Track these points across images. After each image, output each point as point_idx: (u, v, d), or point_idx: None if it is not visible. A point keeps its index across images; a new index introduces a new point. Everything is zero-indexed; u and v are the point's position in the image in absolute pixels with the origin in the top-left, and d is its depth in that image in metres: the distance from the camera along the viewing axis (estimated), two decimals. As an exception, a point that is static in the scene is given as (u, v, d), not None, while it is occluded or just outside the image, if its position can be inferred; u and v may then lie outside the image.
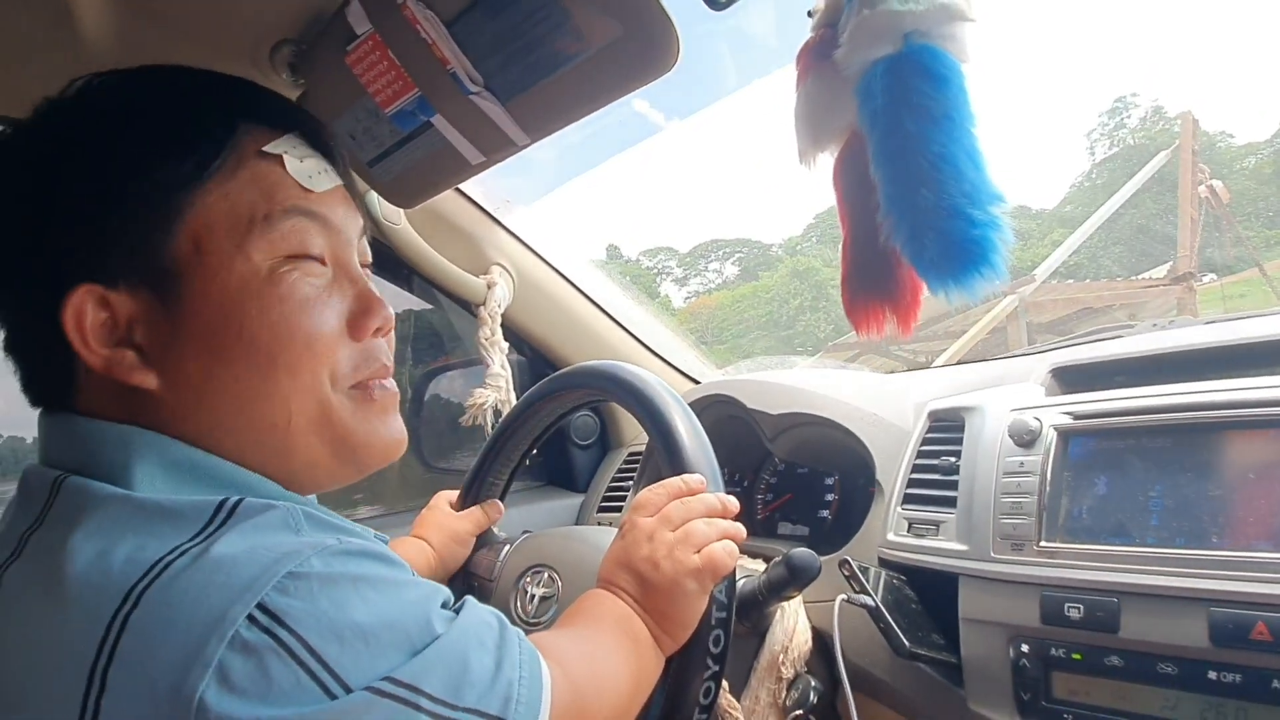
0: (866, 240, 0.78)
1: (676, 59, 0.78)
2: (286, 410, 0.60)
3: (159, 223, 0.57)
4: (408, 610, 0.52)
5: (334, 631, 0.47)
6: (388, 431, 0.66)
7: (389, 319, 0.66)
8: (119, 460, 0.55)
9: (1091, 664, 0.76)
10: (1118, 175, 13.07)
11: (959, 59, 0.68)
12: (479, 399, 1.41)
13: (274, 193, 0.60)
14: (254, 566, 0.48)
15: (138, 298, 0.57)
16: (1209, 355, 0.88)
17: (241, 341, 0.58)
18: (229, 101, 0.63)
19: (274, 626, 0.46)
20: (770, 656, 0.94)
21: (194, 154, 0.58)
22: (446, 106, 0.94)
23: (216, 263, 0.58)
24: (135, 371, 0.57)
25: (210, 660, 0.44)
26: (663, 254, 22.45)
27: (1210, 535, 0.73)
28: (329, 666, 0.47)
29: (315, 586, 0.48)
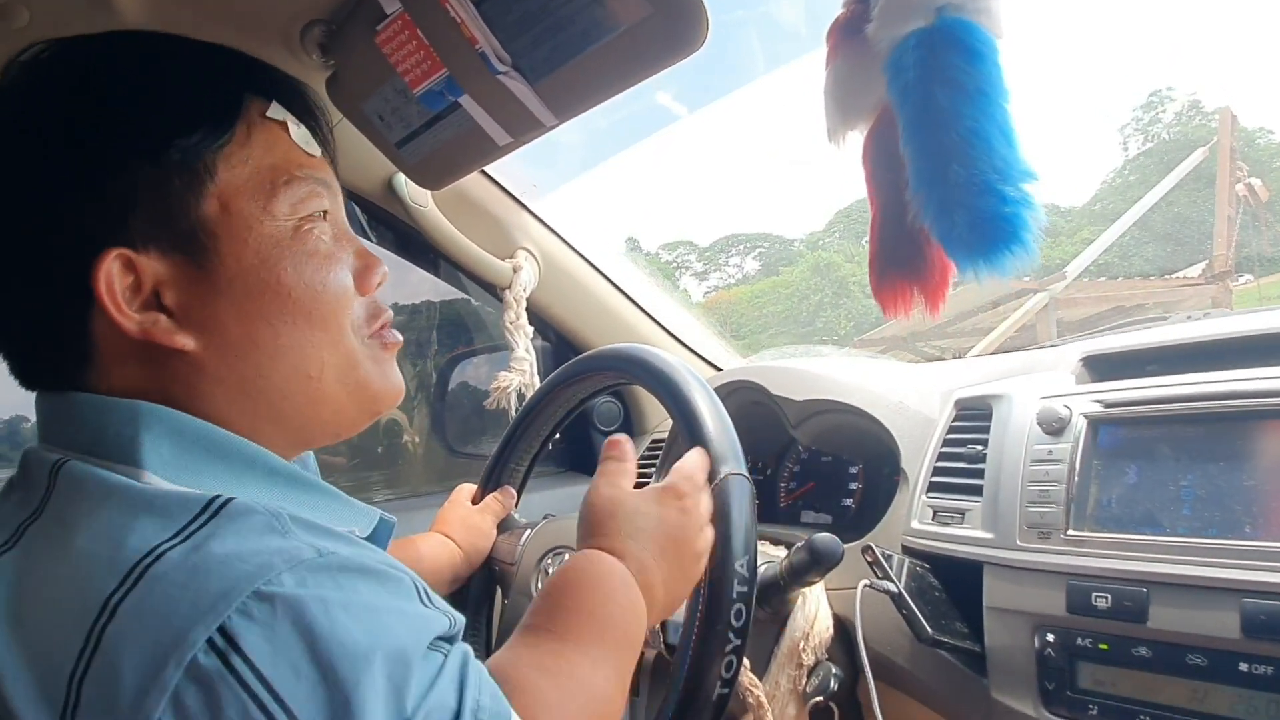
0: (895, 219, 0.77)
1: (705, 37, 0.78)
2: (320, 361, 0.63)
3: (188, 186, 0.58)
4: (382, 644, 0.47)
5: (290, 663, 0.44)
6: (395, 378, 0.70)
7: (386, 273, 0.69)
8: (127, 434, 0.55)
9: (1119, 654, 0.74)
10: (1151, 172, 12.82)
11: (993, 33, 0.67)
12: (503, 383, 1.41)
13: (289, 157, 0.63)
14: (223, 581, 0.45)
15: (167, 261, 0.57)
16: (1244, 344, 0.86)
17: (279, 297, 0.60)
18: (234, 69, 0.64)
19: (229, 653, 0.44)
20: (791, 643, 0.93)
21: (213, 118, 0.59)
22: (475, 86, 0.94)
23: (244, 223, 0.59)
24: (173, 333, 0.57)
25: (167, 686, 0.43)
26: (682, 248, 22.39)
27: (1244, 525, 0.71)
28: (281, 699, 0.43)
29: (278, 611, 0.45)
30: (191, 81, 0.61)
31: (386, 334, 0.69)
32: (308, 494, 0.61)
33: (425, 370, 2.01)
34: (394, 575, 0.53)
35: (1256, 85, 38.48)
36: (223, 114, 0.60)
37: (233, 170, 0.59)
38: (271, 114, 0.62)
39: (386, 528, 0.68)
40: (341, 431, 0.68)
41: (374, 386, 0.67)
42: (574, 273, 1.54)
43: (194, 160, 0.58)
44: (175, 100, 0.59)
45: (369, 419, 0.69)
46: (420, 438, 2.01)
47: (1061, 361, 0.99)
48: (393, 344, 0.69)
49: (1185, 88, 29.64)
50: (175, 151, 0.57)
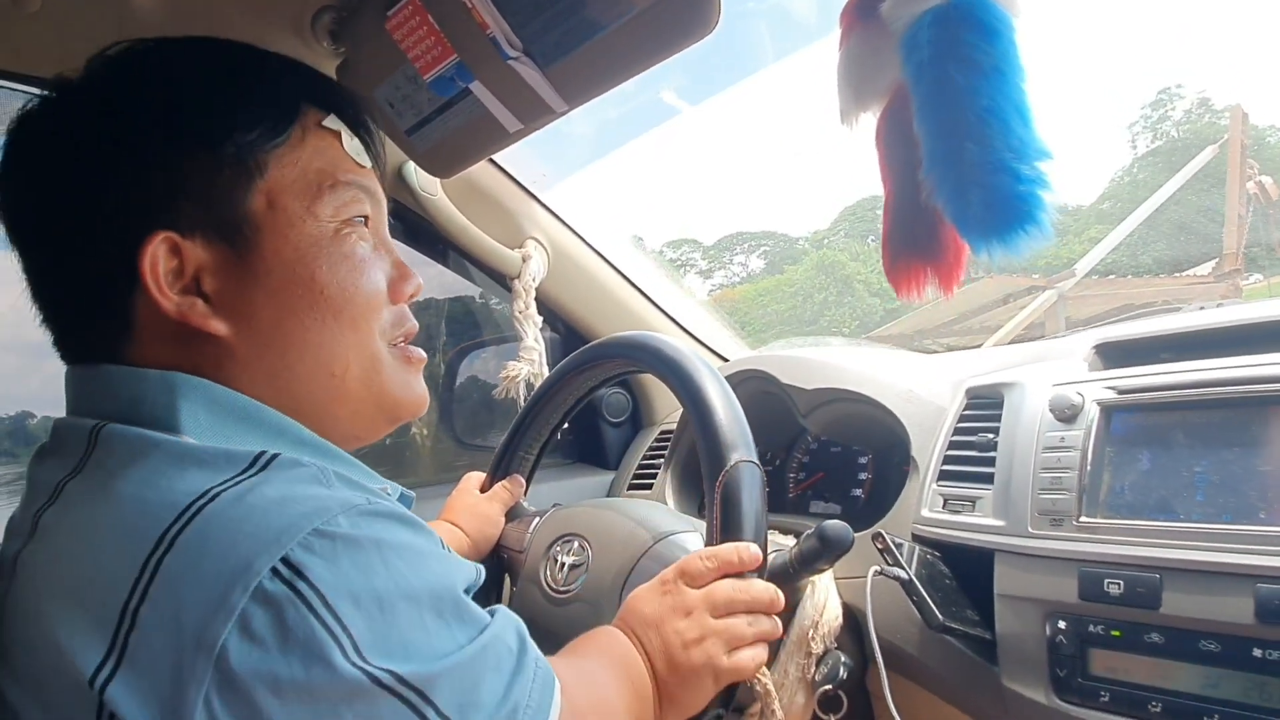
0: (909, 200, 0.76)
1: (718, 20, 0.78)
2: (345, 360, 0.66)
3: (239, 179, 0.62)
4: (429, 584, 0.53)
5: (351, 593, 0.48)
6: (420, 388, 0.73)
7: (420, 286, 0.73)
8: (164, 401, 0.58)
9: (1131, 641, 0.74)
10: (1160, 170, 12.73)
11: (1009, 11, 0.67)
12: (512, 372, 1.41)
13: (338, 164, 0.66)
14: (282, 519, 0.49)
15: (211, 249, 0.61)
16: (1256, 330, 0.86)
17: (312, 293, 0.63)
18: (294, 78, 0.68)
19: (295, 580, 0.47)
20: (800, 631, 0.93)
21: (271, 120, 0.63)
22: (485, 72, 0.94)
23: (287, 221, 0.63)
24: (209, 318, 0.61)
25: (234, 609, 0.46)
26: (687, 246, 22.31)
27: (1258, 511, 0.71)
28: (344, 624, 0.47)
29: (339, 546, 0.49)
30: (255, 85, 0.65)
31: (410, 350, 0.72)
32: (335, 462, 0.63)
33: (434, 362, 2.01)
34: (424, 525, 0.57)
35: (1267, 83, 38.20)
36: (280, 117, 0.64)
37: (283, 170, 0.63)
38: (328, 124, 0.67)
39: (406, 500, 0.71)
40: (361, 434, 0.70)
41: (396, 393, 0.70)
42: (583, 263, 1.54)
43: (247, 156, 0.62)
44: (237, 100, 0.63)
45: (388, 425, 0.72)
46: (429, 430, 2.01)
47: (1074, 350, 0.98)
48: (417, 360, 0.72)
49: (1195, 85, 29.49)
50: (230, 146, 0.61)
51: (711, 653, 0.77)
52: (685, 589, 0.79)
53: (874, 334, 4.99)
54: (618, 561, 0.96)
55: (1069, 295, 6.98)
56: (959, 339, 7.40)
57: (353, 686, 0.47)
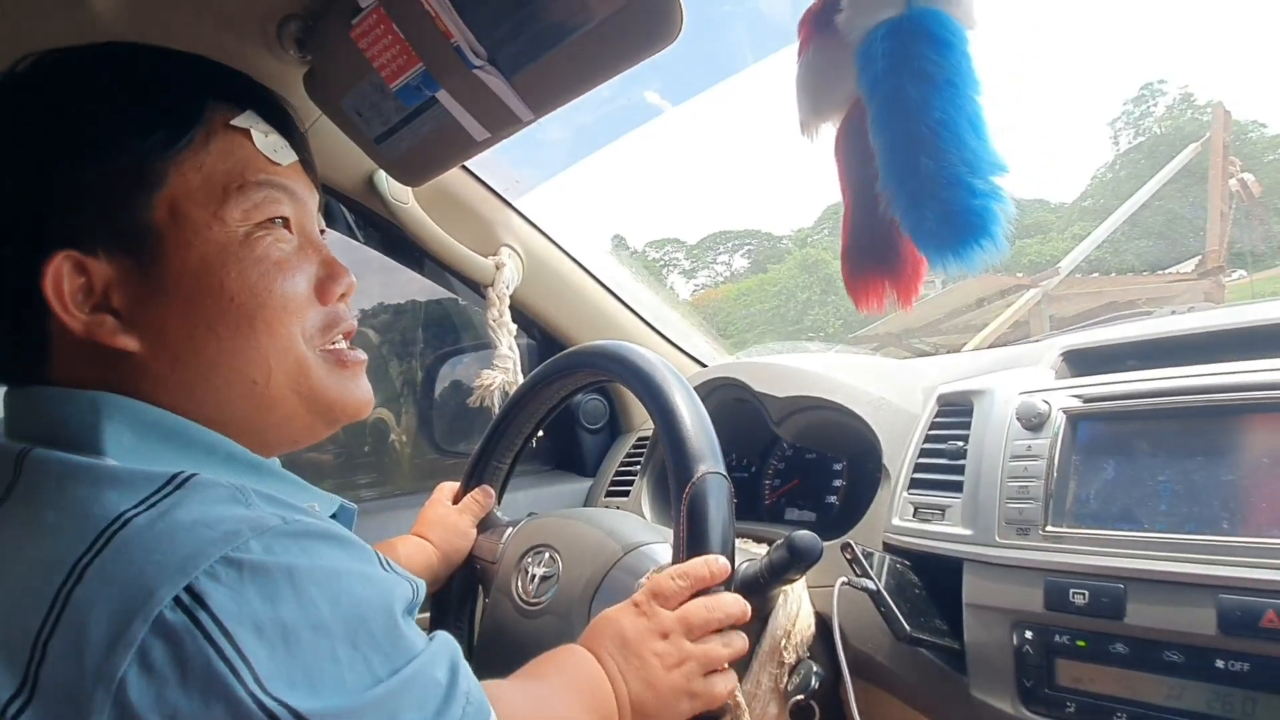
0: (867, 212, 0.76)
1: (679, 30, 0.78)
2: (266, 367, 0.63)
3: (137, 191, 0.60)
4: (345, 612, 0.50)
5: (255, 623, 0.46)
6: (359, 391, 0.70)
7: (352, 284, 0.70)
8: (88, 422, 0.56)
9: (1096, 651, 0.74)
10: (1142, 166, 12.80)
11: (964, 24, 0.66)
12: (486, 380, 1.40)
13: (246, 164, 0.64)
14: (190, 545, 0.47)
15: (115, 264, 0.59)
16: (1224, 338, 0.86)
17: (222, 302, 0.61)
18: (198, 78, 0.65)
19: (196, 609, 0.45)
20: (772, 641, 0.93)
21: (169, 126, 0.61)
22: (451, 81, 0.93)
23: (192, 229, 0.61)
24: (116, 334, 0.59)
25: (134, 641, 0.44)
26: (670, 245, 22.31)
27: (1221, 521, 0.71)
28: (244, 656, 0.45)
29: (246, 574, 0.47)
30: (150, 90, 0.62)
31: (345, 352, 0.70)
32: (267, 479, 0.63)
33: (412, 369, 2.00)
34: (355, 542, 0.55)
35: (1249, 77, 38.49)
36: (179, 122, 0.61)
37: (185, 176, 0.61)
38: (237, 122, 0.64)
39: (347, 514, 0.70)
40: (299, 438, 0.69)
41: (329, 396, 0.68)
42: (558, 269, 1.54)
43: (143, 166, 0.60)
44: (129, 107, 0.61)
45: (328, 428, 0.70)
46: (408, 437, 2.00)
47: (1043, 357, 0.98)
48: (354, 363, 0.70)
49: (1177, 80, 29.63)
50: (124, 156, 0.59)
51: (688, 674, 0.76)
52: (660, 610, 0.78)
53: (860, 334, 5.00)
54: (587, 573, 0.95)
55: (1053, 294, 7.02)
56: (945, 338, 7.44)
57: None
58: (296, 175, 0.68)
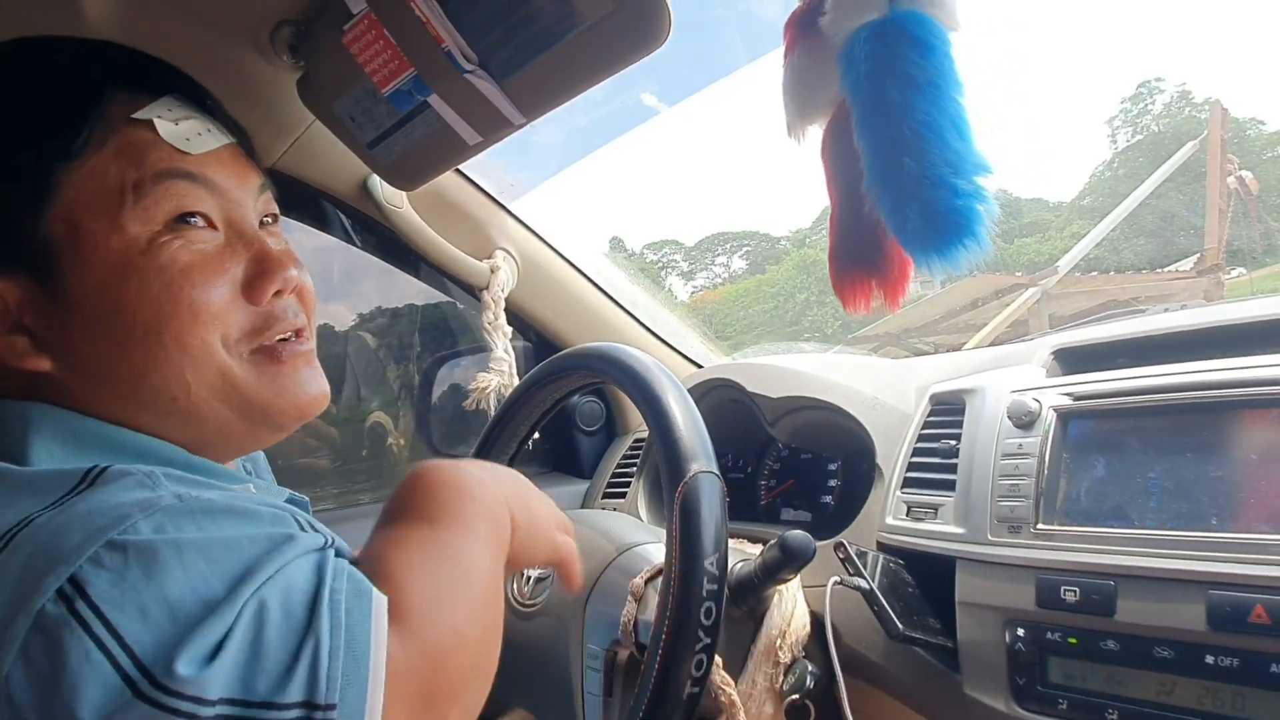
0: (853, 213, 0.76)
1: (668, 32, 0.78)
2: (183, 381, 0.59)
3: (29, 205, 0.56)
4: (229, 571, 0.46)
5: (138, 606, 0.43)
6: (301, 390, 0.65)
7: (289, 279, 0.64)
8: (15, 434, 0.54)
9: (1087, 648, 0.74)
10: (1140, 164, 12.77)
11: (947, 26, 0.67)
12: (481, 383, 1.41)
13: (143, 158, 0.58)
14: (80, 534, 0.45)
15: (19, 283, 0.57)
16: (1214, 335, 0.86)
17: (124, 318, 0.57)
18: (95, 70, 0.61)
19: (75, 599, 0.43)
20: (767, 641, 0.93)
21: (58, 130, 0.57)
22: (442, 86, 0.94)
23: (91, 241, 0.57)
24: (28, 357, 0.57)
25: (16, 637, 0.42)
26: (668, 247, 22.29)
27: (1210, 517, 0.71)
28: (125, 643, 0.42)
29: (131, 556, 0.44)
30: (38, 94, 0.59)
31: (279, 349, 0.64)
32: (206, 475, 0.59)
33: (409, 372, 2.00)
34: (266, 512, 0.51)
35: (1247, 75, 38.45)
36: (71, 125, 0.57)
37: (81, 184, 0.57)
38: (139, 115, 0.59)
39: (301, 506, 0.67)
40: (244, 446, 0.66)
41: (263, 401, 0.63)
42: (553, 272, 1.54)
43: (35, 178, 0.56)
44: (16, 116, 0.57)
45: (275, 432, 0.66)
46: (405, 440, 2.00)
47: (1034, 355, 0.99)
48: (291, 356, 0.65)
49: (1174, 78, 29.57)
50: (14, 171, 0.56)
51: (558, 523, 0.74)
52: None
53: (859, 334, 4.99)
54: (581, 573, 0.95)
55: (1052, 292, 7.02)
56: (944, 337, 7.43)
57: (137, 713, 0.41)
58: (218, 163, 0.63)
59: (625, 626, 0.90)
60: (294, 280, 0.65)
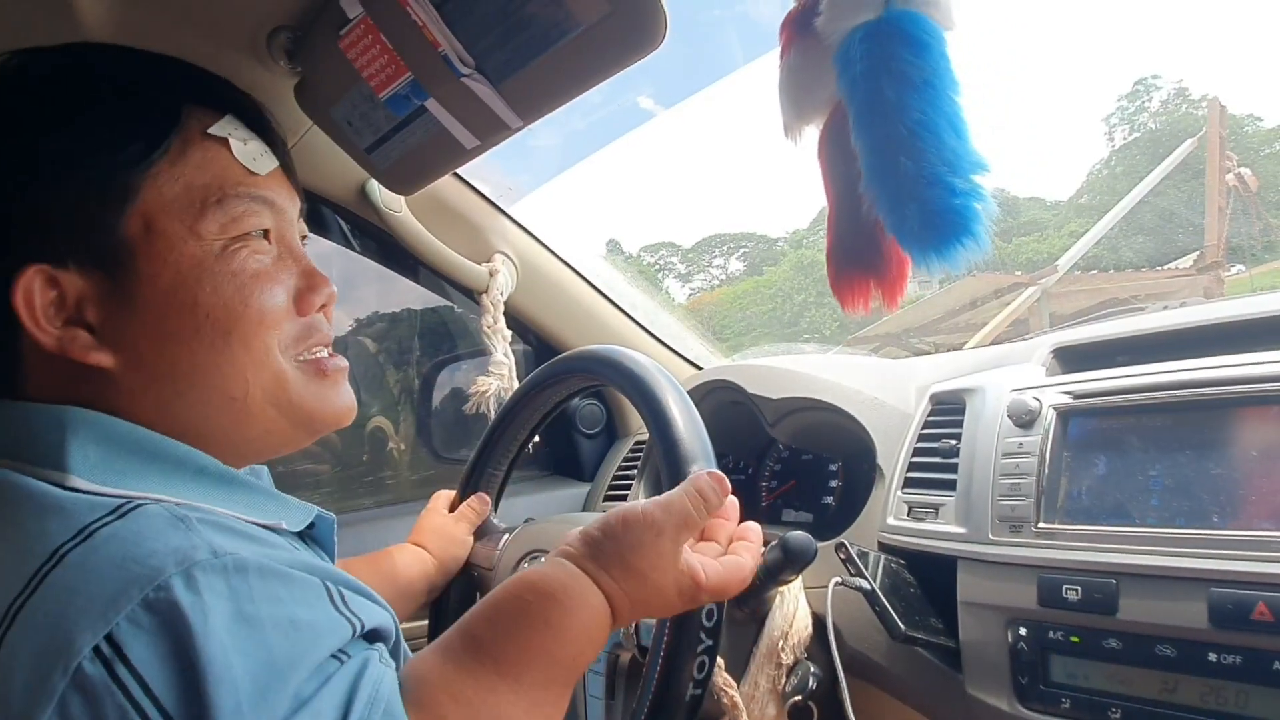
0: (850, 213, 0.76)
1: (664, 35, 0.78)
2: (243, 382, 0.63)
3: (109, 204, 0.58)
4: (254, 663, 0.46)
5: (175, 674, 0.44)
6: (340, 400, 0.70)
7: (332, 294, 0.70)
8: (53, 438, 0.55)
9: (1090, 647, 0.74)
10: (1138, 162, 12.77)
11: (942, 25, 0.67)
12: (481, 387, 1.40)
13: (224, 176, 0.63)
14: (114, 585, 0.46)
15: (88, 277, 0.58)
16: (1213, 332, 0.86)
17: (196, 317, 0.60)
18: (173, 83, 0.64)
19: (115, 662, 0.44)
20: (769, 642, 0.93)
21: (143, 136, 0.60)
22: (439, 90, 0.94)
23: (167, 244, 0.60)
24: (90, 350, 0.58)
25: (54, 693, 0.43)
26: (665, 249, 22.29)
27: (1211, 514, 0.71)
28: (163, 709, 0.43)
29: (164, 621, 0.45)
30: (124, 99, 0.61)
31: (324, 361, 0.69)
32: (237, 492, 0.61)
33: (408, 377, 2.00)
34: (299, 578, 0.52)
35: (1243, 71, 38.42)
36: (154, 133, 0.60)
37: (160, 189, 0.60)
38: (214, 130, 0.63)
39: (326, 523, 0.68)
40: (279, 448, 0.68)
41: (308, 407, 0.67)
42: (552, 275, 1.54)
43: (116, 179, 0.59)
44: (101, 119, 0.60)
45: (310, 436, 0.69)
46: (405, 444, 2.00)
47: (1033, 354, 0.99)
48: (334, 371, 0.69)
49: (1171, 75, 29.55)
50: (95, 169, 0.58)
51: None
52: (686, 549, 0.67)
53: (859, 335, 4.99)
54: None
55: (1052, 291, 7.02)
56: (945, 337, 7.43)
57: None
58: (277, 184, 0.67)
59: (626, 629, 0.90)
60: (335, 297, 0.70)
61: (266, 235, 0.65)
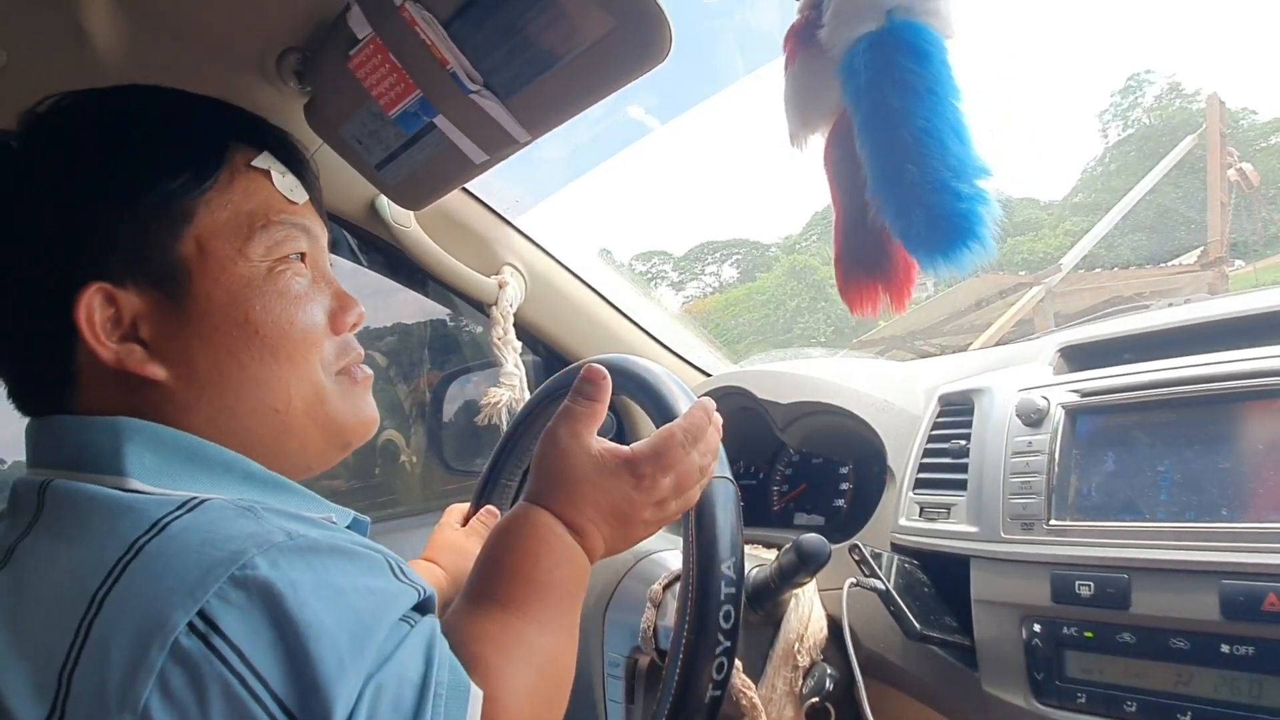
0: (857, 219, 0.78)
1: (669, 49, 0.79)
2: (287, 395, 0.67)
3: (167, 227, 0.63)
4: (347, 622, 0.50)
5: (267, 643, 0.47)
6: (367, 410, 0.74)
7: (362, 314, 0.74)
8: (109, 446, 0.58)
9: (1104, 642, 0.75)
10: (1133, 158, 12.73)
11: (942, 34, 0.68)
12: (493, 398, 1.41)
13: (269, 203, 0.68)
14: (199, 566, 0.48)
15: (144, 296, 0.62)
16: (1218, 327, 0.87)
17: (247, 333, 0.64)
18: (219, 120, 0.69)
19: (211, 635, 0.47)
20: (786, 645, 0.94)
21: (196, 166, 0.65)
22: (448, 106, 0.95)
23: (219, 264, 0.64)
24: (145, 363, 0.62)
25: (154, 668, 0.46)
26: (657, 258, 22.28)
27: (1220, 508, 0.72)
28: (261, 676, 0.47)
29: (254, 595, 0.48)
30: (176, 133, 0.66)
31: (354, 370, 0.73)
32: (283, 494, 0.64)
33: (420, 390, 2.01)
34: (364, 553, 0.56)
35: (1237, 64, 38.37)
36: (205, 163, 0.65)
37: (212, 214, 0.65)
38: (257, 163, 0.68)
39: (362, 525, 0.72)
40: (312, 464, 0.71)
41: (342, 420, 0.71)
42: (560, 286, 1.55)
43: (173, 204, 0.63)
44: (157, 150, 0.64)
45: (339, 452, 0.73)
46: (417, 457, 2.02)
47: (1040, 353, 1.00)
48: (364, 378, 0.74)
49: (1165, 69, 29.47)
50: (155, 196, 0.62)
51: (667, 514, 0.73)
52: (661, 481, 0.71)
53: (864, 338, 4.99)
54: (599, 583, 0.96)
55: (1056, 290, 7.01)
56: (950, 338, 7.43)
57: None
58: (310, 213, 0.72)
59: (645, 633, 0.91)
60: (364, 317, 0.74)
61: (303, 259, 0.70)
